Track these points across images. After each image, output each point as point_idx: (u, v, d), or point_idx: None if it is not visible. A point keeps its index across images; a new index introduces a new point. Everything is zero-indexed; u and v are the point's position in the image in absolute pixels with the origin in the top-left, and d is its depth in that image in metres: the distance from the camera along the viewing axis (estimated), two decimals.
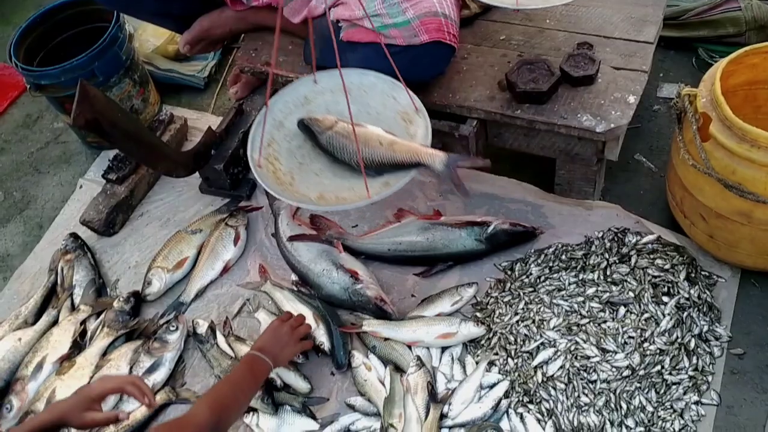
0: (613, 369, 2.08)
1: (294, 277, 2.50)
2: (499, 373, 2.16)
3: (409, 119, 2.13)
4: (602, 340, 2.13)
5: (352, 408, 2.20)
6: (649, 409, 2.03)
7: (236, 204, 2.76)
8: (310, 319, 2.33)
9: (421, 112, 2.12)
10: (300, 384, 2.24)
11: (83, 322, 2.48)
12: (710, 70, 2.10)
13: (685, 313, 2.16)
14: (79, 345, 2.43)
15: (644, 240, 2.33)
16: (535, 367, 2.13)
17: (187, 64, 3.28)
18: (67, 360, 2.37)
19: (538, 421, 2.06)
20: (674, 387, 2.06)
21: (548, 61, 2.28)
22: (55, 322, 2.52)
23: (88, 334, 2.46)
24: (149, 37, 3.28)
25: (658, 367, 2.08)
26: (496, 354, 2.20)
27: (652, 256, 2.29)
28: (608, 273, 2.27)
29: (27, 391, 2.32)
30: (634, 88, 2.26)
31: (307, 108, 2.19)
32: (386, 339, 2.27)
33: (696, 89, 2.07)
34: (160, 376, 2.33)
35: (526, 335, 2.20)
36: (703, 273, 2.27)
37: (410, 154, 1.94)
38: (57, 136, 3.30)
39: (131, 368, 2.33)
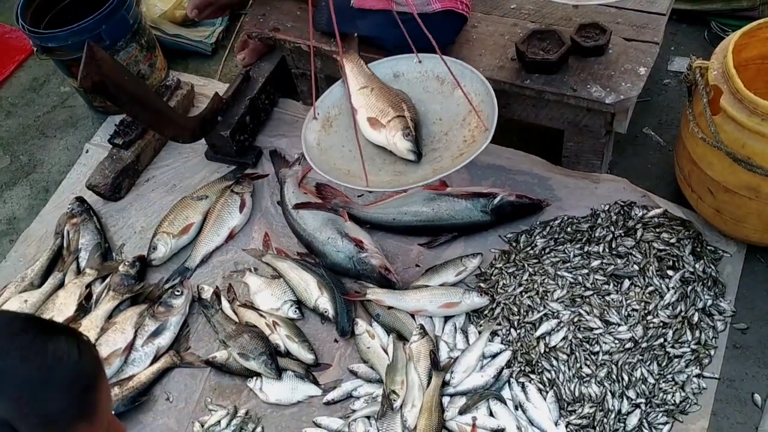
0: (616, 341, 2.09)
1: (299, 248, 2.51)
2: (502, 343, 2.17)
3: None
4: (606, 312, 2.14)
5: (354, 374, 2.22)
6: (651, 381, 2.04)
7: (242, 171, 2.75)
8: (313, 287, 2.34)
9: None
10: (304, 355, 2.25)
11: (89, 286, 2.50)
12: (722, 43, 2.08)
13: (690, 287, 2.16)
14: (84, 308, 2.44)
15: (650, 214, 2.33)
16: (538, 337, 2.14)
17: (195, 30, 3.26)
18: (72, 322, 2.38)
19: (540, 390, 2.07)
20: (676, 360, 2.07)
21: (559, 31, 2.26)
22: (60, 284, 2.53)
23: (94, 297, 2.47)
24: (156, 2, 3.25)
25: (661, 340, 2.09)
26: (499, 324, 2.21)
27: (658, 230, 2.29)
28: (613, 246, 2.27)
29: None
30: (645, 60, 2.24)
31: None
32: (390, 308, 2.28)
33: (708, 62, 2.05)
34: (164, 340, 2.35)
35: (529, 306, 2.20)
36: (708, 248, 2.27)
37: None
38: (64, 100, 3.29)
39: (136, 331, 2.34)
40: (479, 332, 2.21)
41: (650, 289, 2.17)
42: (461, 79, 2.16)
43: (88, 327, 2.35)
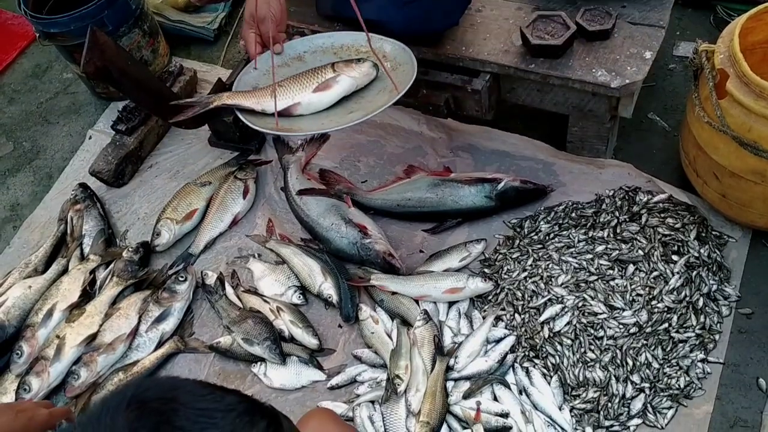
0: (620, 326, 2.08)
1: (303, 234, 2.51)
2: (506, 328, 2.17)
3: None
4: (610, 297, 2.13)
5: (358, 359, 2.22)
6: (655, 365, 2.03)
7: (245, 157, 2.75)
8: (317, 272, 2.34)
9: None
10: (308, 340, 2.25)
11: (93, 272, 2.49)
12: (729, 26, 2.06)
13: (695, 272, 2.15)
14: (88, 294, 2.44)
15: (655, 199, 2.32)
16: (542, 322, 2.14)
17: (197, 16, 3.24)
18: (76, 308, 2.39)
19: (544, 375, 2.07)
20: (681, 345, 2.06)
21: (564, 15, 2.24)
22: (64, 271, 2.53)
23: (98, 283, 2.47)
24: None
25: (666, 325, 2.08)
26: (503, 309, 2.20)
27: (662, 215, 2.28)
28: (618, 231, 2.26)
29: (37, 338, 2.34)
30: (651, 44, 2.22)
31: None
32: (394, 293, 2.28)
33: (714, 45, 2.03)
34: (168, 325, 2.35)
35: (533, 291, 2.20)
36: (713, 233, 2.26)
37: None
38: (66, 87, 3.28)
39: (140, 317, 2.35)
40: (483, 317, 2.20)
41: (655, 274, 2.16)
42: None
43: (92, 313, 2.35)
